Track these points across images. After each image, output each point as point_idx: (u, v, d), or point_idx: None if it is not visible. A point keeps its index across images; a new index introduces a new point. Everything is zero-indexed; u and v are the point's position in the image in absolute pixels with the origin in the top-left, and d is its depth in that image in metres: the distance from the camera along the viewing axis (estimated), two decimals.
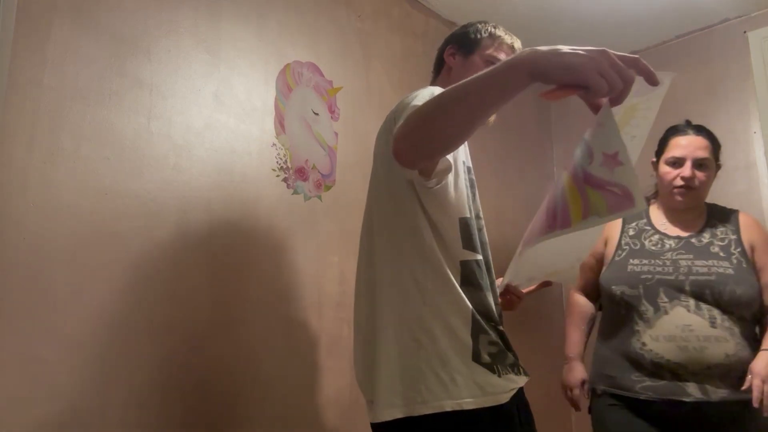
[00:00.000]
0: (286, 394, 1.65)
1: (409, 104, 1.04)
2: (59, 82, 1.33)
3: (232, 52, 1.70)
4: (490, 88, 0.83)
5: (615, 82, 0.74)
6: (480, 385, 0.99)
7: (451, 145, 0.94)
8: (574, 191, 0.85)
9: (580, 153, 0.86)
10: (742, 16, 2.51)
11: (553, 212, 0.91)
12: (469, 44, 1.36)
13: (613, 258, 1.83)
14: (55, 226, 1.29)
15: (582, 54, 0.74)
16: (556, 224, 0.89)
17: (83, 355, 1.29)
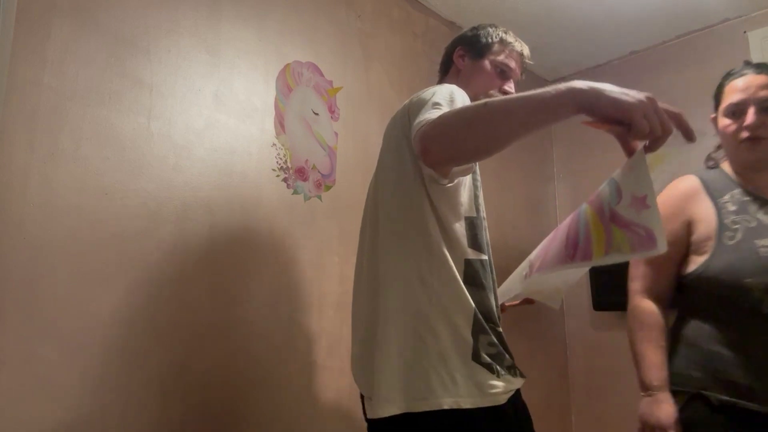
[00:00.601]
0: (286, 394, 1.65)
1: (427, 101, 1.04)
2: (59, 82, 1.33)
3: (232, 52, 1.70)
4: (538, 111, 0.84)
5: (656, 127, 0.77)
6: (479, 385, 0.99)
7: (484, 155, 0.94)
8: (599, 227, 0.88)
9: (609, 191, 0.89)
10: (742, 16, 2.51)
11: (575, 243, 0.93)
12: (480, 48, 1.36)
13: (719, 242, 1.39)
14: (55, 226, 1.29)
15: (631, 95, 0.78)
16: (576, 255, 0.92)
17: (83, 355, 1.29)
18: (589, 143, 2.92)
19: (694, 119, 2.58)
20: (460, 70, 1.37)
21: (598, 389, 2.68)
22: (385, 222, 1.13)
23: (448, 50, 1.43)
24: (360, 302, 1.18)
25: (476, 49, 1.36)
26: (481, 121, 0.87)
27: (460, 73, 1.37)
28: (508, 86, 1.34)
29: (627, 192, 0.84)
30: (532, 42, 2.85)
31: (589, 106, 0.79)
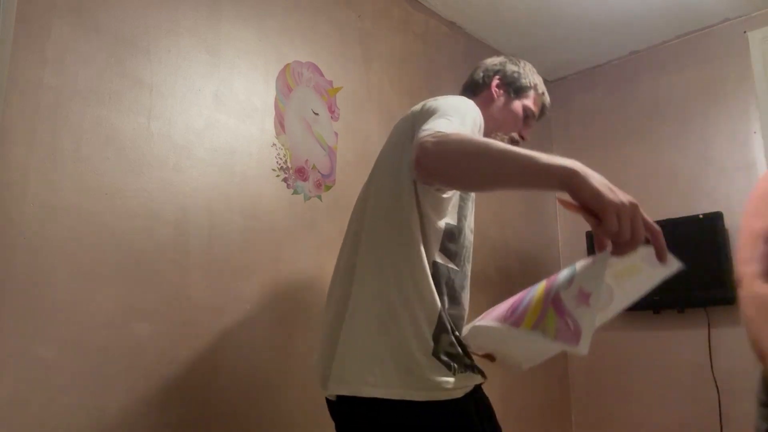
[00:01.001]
0: (286, 394, 1.65)
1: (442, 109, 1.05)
2: (59, 82, 1.33)
3: (232, 52, 1.70)
4: (527, 174, 0.86)
5: (625, 231, 0.77)
6: (434, 380, 1.01)
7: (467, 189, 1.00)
8: (539, 303, 0.90)
9: (565, 275, 0.90)
10: (742, 16, 2.51)
11: (515, 308, 0.97)
12: (518, 89, 1.41)
13: None
14: (55, 226, 1.29)
15: (615, 193, 0.79)
16: (509, 318, 0.96)
17: (83, 355, 1.29)
18: (589, 143, 2.92)
19: (694, 119, 2.58)
20: (494, 100, 1.41)
21: (598, 389, 2.68)
22: (372, 213, 1.15)
23: (485, 74, 1.45)
24: (335, 286, 1.20)
25: (515, 89, 1.41)
26: (478, 161, 0.90)
27: (492, 103, 1.40)
28: (526, 132, 1.42)
29: (577, 283, 0.85)
30: (532, 42, 2.86)
31: (572, 187, 0.80)
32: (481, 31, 2.64)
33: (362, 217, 1.18)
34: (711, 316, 2.36)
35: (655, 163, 2.67)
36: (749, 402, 2.26)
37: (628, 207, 0.78)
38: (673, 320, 2.47)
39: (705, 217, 2.38)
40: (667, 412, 2.45)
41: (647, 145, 2.71)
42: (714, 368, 2.32)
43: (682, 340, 2.43)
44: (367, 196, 1.19)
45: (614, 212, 0.77)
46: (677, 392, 2.43)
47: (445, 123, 0.98)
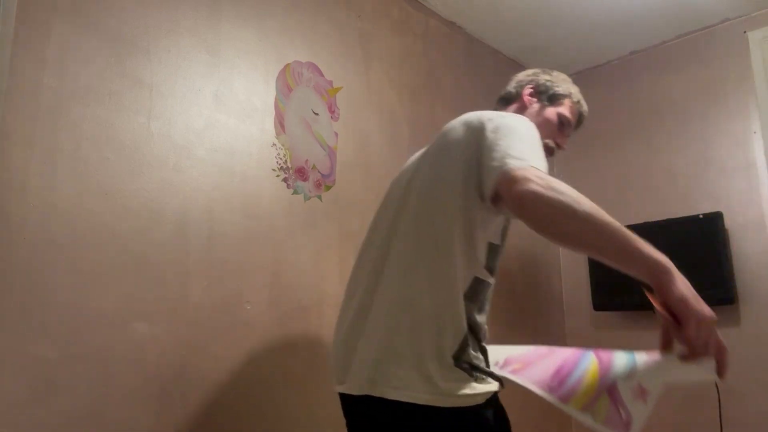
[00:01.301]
0: (286, 393, 1.65)
1: (519, 132, 1.04)
2: (59, 82, 1.33)
3: (232, 52, 1.70)
4: (624, 254, 0.89)
5: (700, 341, 0.82)
6: (457, 387, 1.00)
7: (558, 242, 1.01)
8: (593, 384, 0.92)
9: (625, 364, 0.92)
10: (742, 16, 2.51)
11: (563, 380, 0.97)
12: (552, 97, 1.40)
13: None
14: (55, 226, 1.29)
15: (699, 302, 0.83)
16: (557, 391, 0.97)
17: (83, 355, 1.29)
18: (589, 143, 2.92)
19: (694, 119, 2.58)
20: (526, 108, 1.39)
21: None
22: (413, 221, 1.12)
23: (518, 85, 1.44)
24: (356, 288, 1.20)
25: (548, 97, 1.40)
26: (583, 226, 0.91)
27: (524, 111, 1.39)
28: (562, 141, 1.41)
29: (638, 378, 0.88)
30: (532, 42, 2.86)
31: (661, 284, 0.84)
32: (481, 31, 2.64)
33: (396, 221, 1.15)
34: None
35: (655, 163, 2.67)
36: (749, 402, 2.27)
37: (709, 319, 0.83)
38: None
39: (705, 217, 2.38)
40: (667, 412, 2.45)
41: (647, 145, 2.71)
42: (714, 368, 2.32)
43: None
44: (405, 201, 1.15)
45: (696, 322, 0.81)
46: (677, 392, 2.43)
47: (528, 151, 0.99)
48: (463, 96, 2.48)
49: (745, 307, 2.33)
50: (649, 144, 2.70)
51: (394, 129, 2.16)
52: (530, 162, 0.96)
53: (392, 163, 2.12)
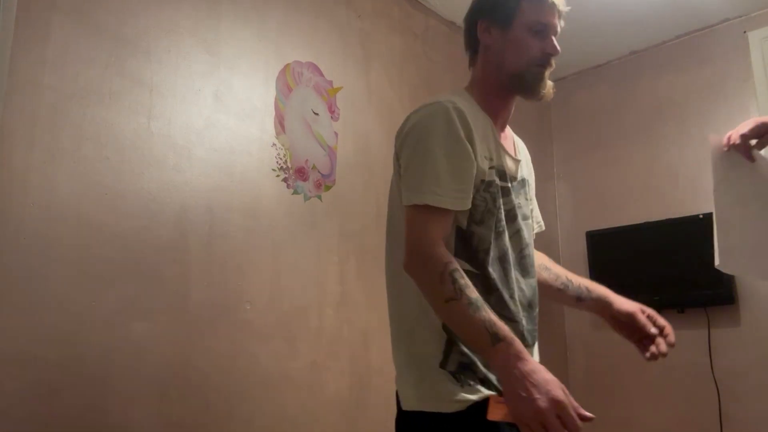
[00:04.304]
0: (286, 393, 1.65)
1: (410, 167, 1.06)
2: (59, 82, 1.33)
3: (232, 52, 1.70)
4: (472, 345, 0.98)
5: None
6: (441, 391, 1.00)
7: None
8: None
9: None
10: (742, 16, 2.51)
11: None
12: (505, 14, 1.14)
13: None
14: (55, 226, 1.29)
15: (532, 405, 0.85)
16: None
17: (83, 355, 1.29)
18: (589, 143, 2.92)
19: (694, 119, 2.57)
20: (489, 46, 1.16)
21: (598, 389, 2.68)
22: (387, 227, 1.17)
23: (469, 26, 1.20)
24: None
25: (501, 17, 1.14)
26: (436, 308, 0.98)
27: (489, 50, 1.16)
28: (550, 46, 1.15)
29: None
30: None
31: (506, 388, 0.90)
32: None
33: (387, 232, 1.18)
34: (711, 316, 2.35)
35: (655, 163, 2.67)
36: (749, 402, 2.27)
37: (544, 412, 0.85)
38: (673, 320, 2.44)
39: (705, 217, 2.38)
40: (667, 412, 2.45)
41: (647, 145, 2.71)
42: (714, 368, 2.32)
43: (682, 340, 2.40)
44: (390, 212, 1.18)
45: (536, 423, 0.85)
46: (677, 392, 2.43)
47: (420, 181, 1.01)
48: None
49: (745, 307, 2.33)
50: (649, 144, 2.70)
51: (394, 129, 2.15)
52: (419, 197, 1.00)
53: (392, 163, 2.12)
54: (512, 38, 1.14)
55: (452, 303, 0.93)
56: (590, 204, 2.85)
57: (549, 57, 1.15)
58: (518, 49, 1.13)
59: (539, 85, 1.14)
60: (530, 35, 1.14)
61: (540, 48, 1.14)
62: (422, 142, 1.04)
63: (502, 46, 1.14)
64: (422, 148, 1.03)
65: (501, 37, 1.15)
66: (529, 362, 0.89)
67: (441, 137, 1.03)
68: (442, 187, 0.99)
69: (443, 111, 1.04)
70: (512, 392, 0.87)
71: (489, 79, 1.16)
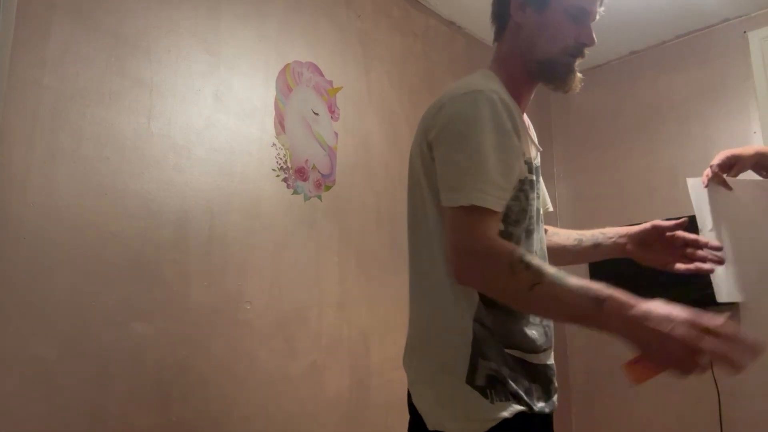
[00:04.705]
0: (286, 393, 1.65)
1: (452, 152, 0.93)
2: (59, 82, 1.33)
3: (232, 52, 1.70)
4: (577, 321, 0.86)
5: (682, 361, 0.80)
6: (468, 409, 0.92)
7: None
8: None
9: None
10: (742, 16, 2.51)
11: None
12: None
13: None
14: (55, 226, 1.29)
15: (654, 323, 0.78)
16: None
17: (83, 355, 1.29)
18: (589, 143, 2.92)
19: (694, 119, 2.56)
20: (521, 26, 1.05)
21: (599, 389, 2.68)
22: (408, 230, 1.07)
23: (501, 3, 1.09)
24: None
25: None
26: (520, 301, 0.89)
27: (520, 29, 1.06)
28: (586, 35, 1.06)
29: None
30: None
31: (630, 339, 0.81)
32: (481, 31, 2.64)
33: (409, 230, 1.07)
34: None
35: (655, 163, 2.67)
36: (749, 402, 2.26)
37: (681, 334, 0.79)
38: None
39: None
40: (667, 412, 2.45)
41: (647, 145, 2.71)
42: (714, 368, 2.32)
43: None
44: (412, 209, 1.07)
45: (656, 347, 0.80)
46: (677, 392, 2.43)
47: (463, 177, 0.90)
48: None
49: (745, 307, 2.33)
50: (650, 144, 2.70)
51: (394, 129, 2.16)
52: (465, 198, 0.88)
53: (392, 163, 2.12)
54: (548, 21, 1.04)
55: (537, 288, 0.84)
56: (590, 204, 2.85)
57: (583, 47, 1.06)
58: (553, 34, 1.04)
59: (569, 76, 1.05)
60: (567, 20, 1.04)
61: (575, 36, 1.05)
62: (466, 135, 0.92)
63: (536, 28, 1.04)
64: (467, 143, 0.92)
65: (535, 18, 1.04)
66: (639, 305, 0.80)
67: (488, 131, 0.92)
68: (491, 186, 0.89)
69: (488, 101, 0.94)
70: (645, 344, 0.79)
71: (515, 61, 1.06)
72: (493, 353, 0.94)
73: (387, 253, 2.01)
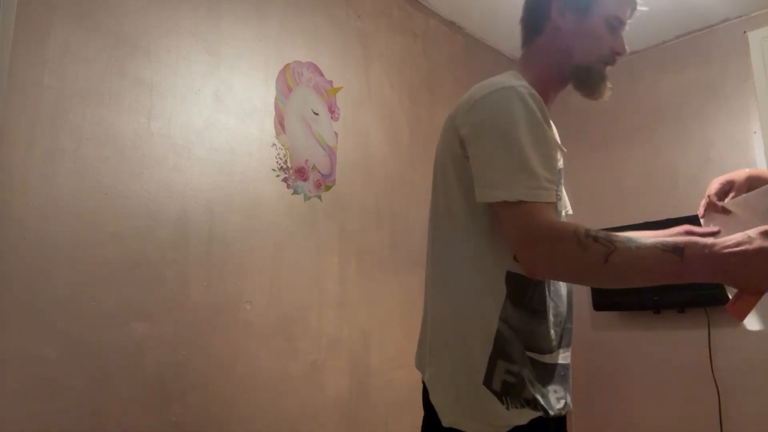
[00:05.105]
0: (286, 393, 1.65)
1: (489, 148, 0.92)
2: (59, 82, 1.33)
3: (232, 52, 1.70)
4: (660, 278, 0.84)
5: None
6: (482, 411, 0.91)
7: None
8: None
9: None
10: (742, 16, 2.51)
11: None
12: (586, 4, 1.07)
13: None
14: (55, 226, 1.29)
15: (751, 260, 0.78)
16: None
17: (83, 355, 1.29)
18: (589, 143, 2.92)
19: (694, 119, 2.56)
20: (560, 30, 1.07)
21: (598, 389, 2.68)
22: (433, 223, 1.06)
23: (540, 2, 1.11)
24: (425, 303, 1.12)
25: (581, 2, 1.07)
26: (597, 276, 0.87)
27: (559, 33, 1.08)
28: (620, 44, 1.10)
29: None
30: None
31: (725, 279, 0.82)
32: (481, 31, 2.64)
33: (431, 226, 1.06)
34: (711, 316, 2.35)
35: (655, 163, 2.67)
36: (749, 402, 2.26)
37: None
38: (673, 320, 2.47)
39: None
40: (667, 412, 2.45)
41: (647, 145, 2.71)
42: (714, 368, 2.32)
43: (682, 340, 2.43)
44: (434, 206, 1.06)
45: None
46: (677, 392, 2.43)
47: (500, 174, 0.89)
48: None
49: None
50: (649, 144, 2.70)
51: (394, 129, 2.16)
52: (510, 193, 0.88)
53: (392, 163, 2.12)
54: (587, 28, 1.07)
55: (612, 257, 0.82)
56: (590, 204, 2.85)
57: (617, 56, 1.10)
58: (591, 41, 1.07)
59: (602, 83, 1.08)
60: (605, 29, 1.09)
61: (610, 45, 1.09)
62: (504, 131, 0.92)
63: (575, 34, 1.07)
64: (505, 138, 0.91)
65: (575, 24, 1.07)
66: (720, 244, 0.80)
67: (524, 125, 0.92)
68: (537, 180, 0.89)
69: (519, 96, 0.94)
70: (734, 273, 0.79)
71: (548, 62, 1.08)
72: (516, 354, 0.94)
73: (387, 253, 2.02)
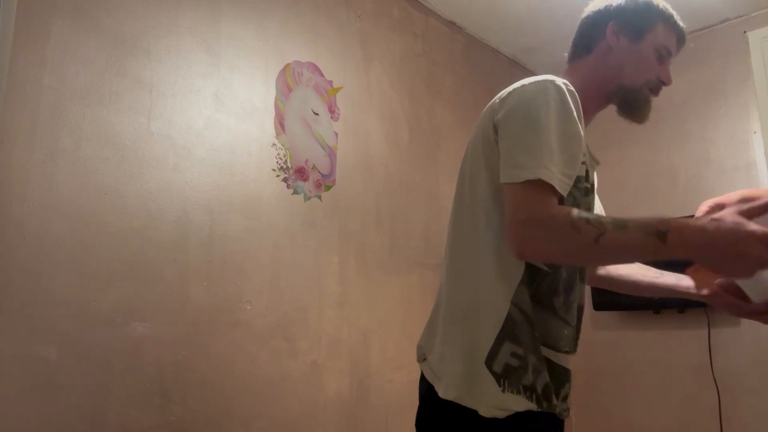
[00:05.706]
0: (286, 393, 1.65)
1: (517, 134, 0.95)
2: (59, 82, 1.33)
3: (232, 52, 1.70)
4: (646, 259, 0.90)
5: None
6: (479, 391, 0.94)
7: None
8: None
9: None
10: (742, 16, 2.51)
11: None
12: (640, 27, 1.12)
13: None
14: (55, 226, 1.29)
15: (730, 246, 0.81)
16: None
17: (83, 355, 1.29)
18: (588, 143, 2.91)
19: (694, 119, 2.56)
20: (613, 49, 1.13)
21: (598, 390, 2.68)
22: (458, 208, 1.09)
23: (597, 22, 1.16)
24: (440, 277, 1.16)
25: (636, 28, 1.12)
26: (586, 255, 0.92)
27: (611, 53, 1.14)
28: (666, 75, 1.16)
29: None
30: (532, 42, 2.86)
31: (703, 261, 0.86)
32: (481, 31, 2.64)
33: (454, 210, 1.10)
34: (711, 316, 2.35)
35: (655, 163, 2.67)
36: (749, 402, 2.26)
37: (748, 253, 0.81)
38: (673, 320, 2.47)
39: None
40: (667, 412, 2.45)
41: (647, 145, 2.71)
42: (714, 368, 2.32)
43: (682, 340, 2.43)
44: (460, 189, 1.10)
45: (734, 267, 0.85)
46: (677, 392, 2.43)
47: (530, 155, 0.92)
48: (463, 96, 2.48)
49: None
50: (649, 144, 2.70)
51: (394, 129, 2.16)
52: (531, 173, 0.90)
53: (392, 163, 2.12)
54: (639, 52, 1.13)
55: (602, 238, 0.85)
56: None
57: (662, 85, 1.17)
58: (641, 65, 1.13)
59: (646, 107, 1.15)
60: (654, 57, 1.14)
61: (657, 73, 1.15)
62: (536, 118, 0.95)
63: (627, 56, 1.13)
64: (534, 124, 0.95)
65: (628, 47, 1.13)
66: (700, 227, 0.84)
67: (555, 115, 0.95)
68: (555, 165, 0.91)
69: (556, 88, 0.97)
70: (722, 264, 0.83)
71: (596, 77, 1.14)
72: (525, 339, 0.97)
73: (387, 253, 2.02)
